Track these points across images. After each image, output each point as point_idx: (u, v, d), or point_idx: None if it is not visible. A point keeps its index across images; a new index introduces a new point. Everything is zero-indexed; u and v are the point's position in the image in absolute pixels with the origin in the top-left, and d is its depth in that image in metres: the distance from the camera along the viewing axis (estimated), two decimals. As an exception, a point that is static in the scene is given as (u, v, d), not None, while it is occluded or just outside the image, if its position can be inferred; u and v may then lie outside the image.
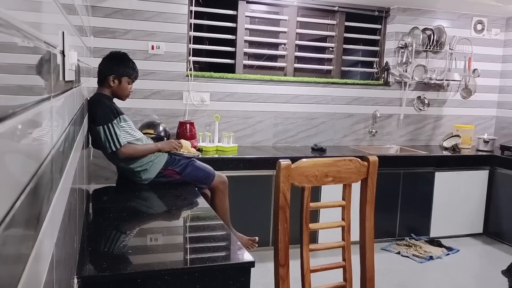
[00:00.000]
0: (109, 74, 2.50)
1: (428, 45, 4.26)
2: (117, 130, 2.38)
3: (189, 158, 2.61)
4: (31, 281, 0.60)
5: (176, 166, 2.54)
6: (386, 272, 3.25)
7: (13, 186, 0.53)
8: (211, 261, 1.53)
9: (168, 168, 2.52)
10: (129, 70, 2.53)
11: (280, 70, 4.12)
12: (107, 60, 2.53)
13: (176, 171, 2.53)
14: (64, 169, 1.07)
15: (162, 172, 2.51)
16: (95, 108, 2.39)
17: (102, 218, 2.05)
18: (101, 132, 2.36)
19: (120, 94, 2.55)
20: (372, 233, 1.68)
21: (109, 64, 2.51)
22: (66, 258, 1.08)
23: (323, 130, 4.16)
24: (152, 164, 2.48)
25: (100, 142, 2.39)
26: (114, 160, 2.50)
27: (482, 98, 4.60)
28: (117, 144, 2.36)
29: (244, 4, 3.90)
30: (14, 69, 0.58)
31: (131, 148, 2.42)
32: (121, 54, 2.59)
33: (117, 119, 2.40)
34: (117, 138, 2.36)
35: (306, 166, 1.52)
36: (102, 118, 2.36)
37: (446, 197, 3.98)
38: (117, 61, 2.53)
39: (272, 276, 1.53)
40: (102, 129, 2.36)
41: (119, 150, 2.37)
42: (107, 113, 2.38)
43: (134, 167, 2.47)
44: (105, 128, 2.35)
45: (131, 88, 2.57)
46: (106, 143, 2.36)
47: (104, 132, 2.35)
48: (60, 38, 1.05)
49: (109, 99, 2.50)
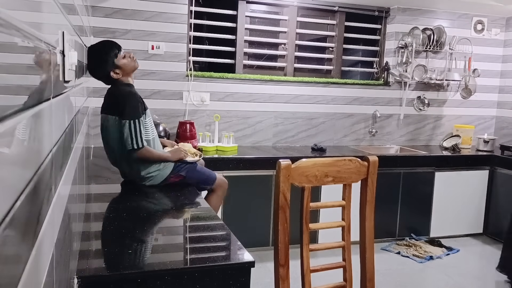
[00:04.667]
0: (107, 73, 2.35)
1: (428, 45, 4.26)
2: (142, 127, 2.29)
3: (193, 163, 2.58)
4: (31, 281, 0.61)
5: (181, 170, 2.50)
6: (386, 272, 3.25)
7: (13, 186, 0.53)
8: (211, 261, 1.53)
9: (173, 175, 2.47)
10: (112, 52, 2.33)
11: (280, 70, 4.13)
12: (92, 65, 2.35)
13: (181, 175, 2.49)
14: (64, 169, 1.07)
15: (167, 179, 2.46)
16: (124, 100, 2.28)
17: (102, 218, 2.05)
18: (126, 126, 2.25)
19: (130, 70, 2.40)
20: (372, 233, 1.68)
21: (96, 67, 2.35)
22: (66, 258, 1.08)
23: (323, 130, 4.16)
24: (158, 172, 2.43)
25: (122, 137, 2.29)
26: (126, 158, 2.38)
27: (482, 98, 4.61)
28: (140, 142, 2.27)
29: (244, 4, 3.90)
30: (14, 69, 0.58)
31: (149, 152, 2.33)
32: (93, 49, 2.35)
33: (143, 116, 2.31)
34: (141, 136, 2.27)
35: (306, 166, 1.52)
36: (132, 112, 2.26)
37: (446, 197, 3.98)
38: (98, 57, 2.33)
39: (272, 276, 1.53)
40: (128, 123, 2.25)
41: (138, 150, 2.29)
42: (137, 107, 2.28)
43: (141, 173, 2.40)
44: (130, 123, 2.25)
45: (130, 55, 2.39)
46: (128, 139, 2.26)
47: (129, 127, 2.25)
48: (60, 38, 1.05)
49: (134, 90, 2.38)
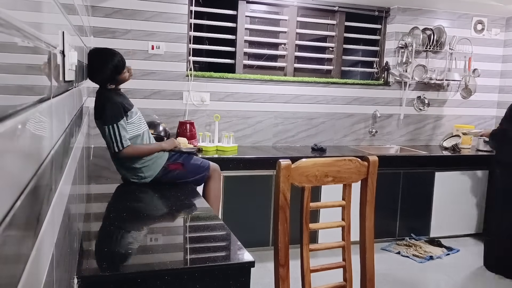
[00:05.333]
0: (105, 83, 2.46)
1: (428, 45, 4.26)
2: (122, 131, 2.37)
3: (188, 153, 2.66)
4: (31, 281, 0.60)
5: (178, 159, 2.58)
6: (386, 272, 3.25)
7: (13, 186, 0.53)
8: (211, 261, 1.53)
9: (171, 162, 2.54)
10: (120, 69, 2.43)
11: (280, 70, 4.12)
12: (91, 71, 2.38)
13: (180, 163, 2.57)
14: (64, 169, 1.07)
15: (166, 167, 2.52)
16: (103, 105, 2.38)
17: (102, 218, 2.05)
18: (106, 131, 2.37)
19: (122, 83, 2.53)
20: (372, 233, 1.68)
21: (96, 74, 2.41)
22: (66, 258, 1.08)
23: (323, 130, 4.16)
24: (155, 160, 2.50)
25: (105, 141, 2.42)
26: (116, 160, 2.51)
27: (482, 98, 4.60)
28: (120, 145, 2.36)
29: (244, 4, 3.90)
30: (14, 69, 0.58)
31: (136, 149, 2.43)
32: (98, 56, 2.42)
33: (123, 119, 2.39)
34: (120, 139, 2.36)
35: (306, 166, 1.52)
36: (109, 117, 2.36)
37: (446, 197, 3.98)
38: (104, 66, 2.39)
39: (272, 276, 1.53)
40: (107, 129, 2.36)
41: (121, 152, 2.38)
42: (115, 112, 2.37)
43: (135, 165, 2.47)
44: (109, 128, 2.36)
45: (129, 70, 2.51)
46: (110, 143, 2.38)
47: (109, 132, 2.36)
48: (60, 38, 1.05)
49: (118, 94, 2.48)
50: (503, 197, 3.30)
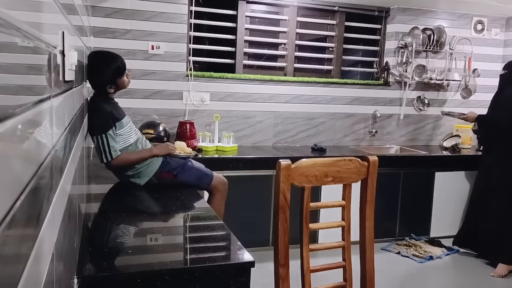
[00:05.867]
0: (104, 85, 2.43)
1: (428, 45, 4.26)
2: (111, 141, 2.33)
3: (185, 159, 2.58)
4: (31, 281, 0.61)
5: (172, 169, 2.49)
6: (386, 272, 3.25)
7: (13, 186, 0.53)
8: (211, 261, 1.53)
9: (164, 171, 2.48)
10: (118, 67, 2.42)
11: (280, 70, 4.12)
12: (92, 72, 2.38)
13: (173, 174, 2.50)
14: (64, 169, 1.07)
15: (158, 174, 2.47)
16: (91, 114, 2.36)
17: (102, 218, 2.05)
18: (94, 141, 2.36)
19: (121, 88, 2.51)
20: (372, 233, 1.68)
21: (97, 76, 2.40)
22: (66, 258, 1.08)
23: (323, 130, 4.16)
24: (147, 167, 2.45)
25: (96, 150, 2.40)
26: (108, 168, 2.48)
27: (482, 98, 4.60)
28: (109, 156, 2.33)
29: (244, 4, 3.90)
30: (14, 69, 0.58)
31: (124, 159, 2.38)
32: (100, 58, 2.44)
33: (112, 129, 2.35)
34: (109, 150, 2.33)
35: (306, 166, 1.52)
36: (97, 127, 2.33)
37: (446, 197, 3.98)
38: (101, 68, 2.39)
39: (272, 276, 1.53)
40: (95, 139, 2.34)
41: (110, 163, 2.36)
42: (103, 122, 2.33)
43: (128, 172, 2.44)
44: (98, 138, 2.33)
45: (128, 75, 2.50)
46: (99, 154, 2.37)
47: (97, 142, 2.34)
48: (60, 38, 1.05)
49: (108, 102, 2.43)
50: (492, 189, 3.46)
